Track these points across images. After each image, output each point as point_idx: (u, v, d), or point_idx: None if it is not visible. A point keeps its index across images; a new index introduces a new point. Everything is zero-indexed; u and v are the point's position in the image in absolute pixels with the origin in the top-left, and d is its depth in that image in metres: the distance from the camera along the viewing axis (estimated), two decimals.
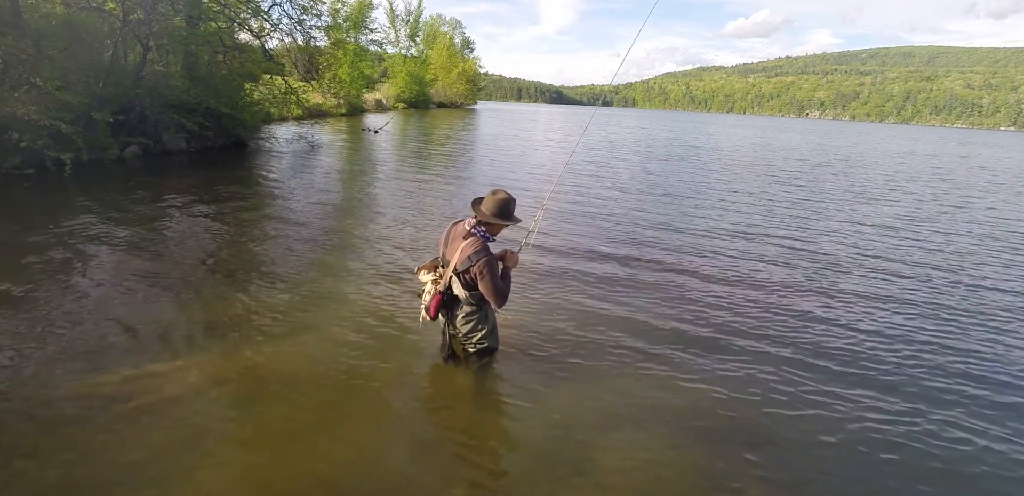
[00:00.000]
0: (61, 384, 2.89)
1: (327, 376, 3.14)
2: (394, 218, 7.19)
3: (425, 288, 3.15)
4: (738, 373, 3.50)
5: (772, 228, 7.82)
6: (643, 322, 4.19)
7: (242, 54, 13.21)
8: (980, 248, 7.37)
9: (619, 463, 2.57)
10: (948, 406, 3.26)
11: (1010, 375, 3.70)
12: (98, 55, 10.59)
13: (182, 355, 3.26)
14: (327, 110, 26.23)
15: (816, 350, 3.91)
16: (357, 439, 2.63)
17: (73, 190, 7.61)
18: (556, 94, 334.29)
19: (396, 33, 49.60)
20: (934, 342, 4.16)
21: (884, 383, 3.49)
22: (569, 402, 3.06)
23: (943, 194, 12.61)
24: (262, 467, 2.40)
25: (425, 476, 2.40)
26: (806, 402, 3.20)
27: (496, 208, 2.91)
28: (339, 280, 4.72)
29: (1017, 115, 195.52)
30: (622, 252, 6.11)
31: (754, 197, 10.54)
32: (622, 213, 8.30)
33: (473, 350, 3.21)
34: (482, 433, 2.82)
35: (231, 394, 2.91)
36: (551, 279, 5.03)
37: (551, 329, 3.94)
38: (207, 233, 5.92)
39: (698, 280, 5.29)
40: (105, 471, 2.29)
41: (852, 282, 5.50)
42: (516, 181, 11.00)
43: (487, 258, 2.83)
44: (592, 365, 3.48)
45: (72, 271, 4.53)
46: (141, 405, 2.75)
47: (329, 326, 3.78)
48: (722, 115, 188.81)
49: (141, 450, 2.43)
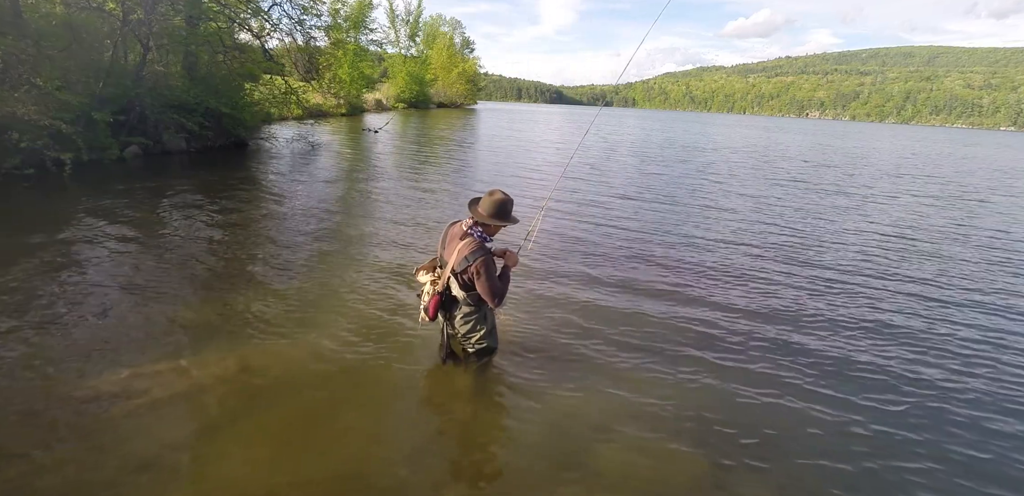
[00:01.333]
0: (62, 383, 2.90)
1: (327, 376, 3.15)
2: (394, 218, 7.20)
3: (424, 289, 3.16)
4: (739, 373, 3.51)
5: (775, 229, 7.82)
6: (643, 322, 4.20)
7: (242, 54, 13.21)
8: (1009, 256, 7.31)
9: (619, 463, 2.58)
10: (956, 407, 3.26)
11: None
12: (98, 55, 10.60)
13: (183, 354, 3.27)
14: (327, 110, 26.22)
15: (819, 350, 3.91)
16: (357, 438, 2.64)
17: (73, 190, 7.62)
18: (556, 94, 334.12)
19: (396, 33, 49.67)
20: (937, 343, 4.16)
21: (886, 383, 3.49)
22: (568, 402, 3.07)
23: (965, 198, 12.61)
24: (263, 466, 2.40)
25: (425, 476, 2.41)
26: (808, 402, 3.21)
27: (493, 209, 2.92)
28: (339, 280, 4.73)
29: (1017, 115, 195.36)
30: (622, 253, 6.13)
31: (757, 200, 10.55)
32: (623, 214, 8.31)
33: (472, 350, 3.22)
34: (482, 433, 2.83)
35: (232, 393, 2.92)
36: (551, 279, 5.04)
37: (551, 329, 3.95)
38: (207, 233, 5.93)
39: (699, 280, 5.30)
40: (106, 470, 2.30)
41: (856, 283, 5.50)
42: (515, 182, 11.01)
43: (484, 258, 2.84)
44: (592, 365, 3.49)
45: (72, 271, 4.53)
46: (143, 403, 2.76)
47: (329, 326, 3.79)
48: (722, 115, 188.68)
49: (143, 448, 2.44)
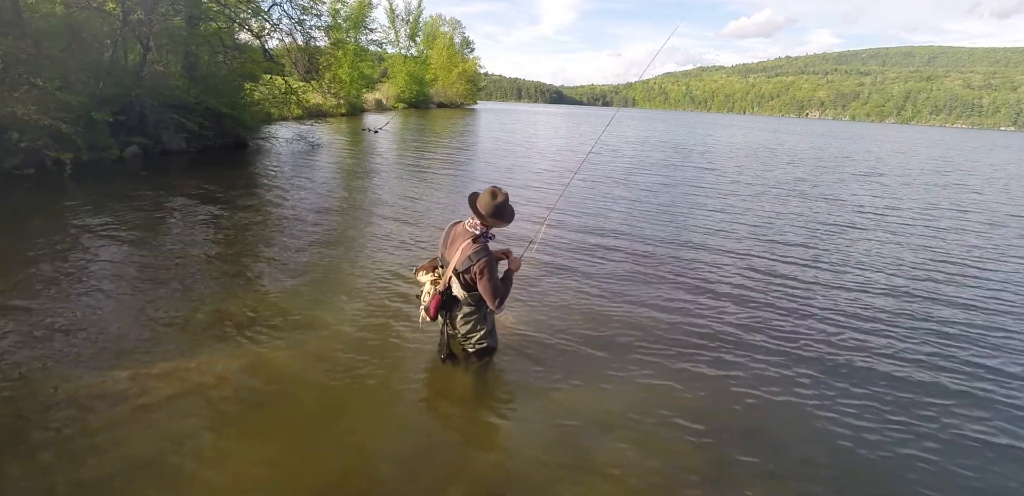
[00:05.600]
0: (64, 383, 2.89)
1: (328, 375, 3.15)
2: (394, 218, 7.19)
3: (424, 288, 3.16)
4: (741, 373, 3.50)
5: (780, 232, 7.82)
6: (643, 322, 4.20)
7: (242, 54, 13.23)
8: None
9: (619, 463, 2.57)
10: (960, 407, 3.26)
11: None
12: (98, 55, 10.61)
13: (182, 355, 3.27)
14: (327, 110, 26.19)
15: (821, 351, 3.90)
16: (357, 438, 2.64)
17: (73, 190, 7.62)
18: (556, 94, 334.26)
19: (396, 33, 49.71)
20: (946, 345, 4.15)
21: (889, 383, 3.48)
22: (568, 402, 3.06)
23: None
24: (263, 466, 2.40)
25: (425, 476, 2.40)
26: (809, 403, 3.20)
27: (493, 208, 2.91)
28: (340, 280, 4.73)
29: (1017, 115, 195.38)
30: (623, 253, 6.12)
31: (760, 197, 10.53)
32: (625, 216, 8.30)
33: (472, 350, 3.22)
34: (482, 433, 2.82)
35: (232, 394, 2.92)
36: (550, 279, 5.04)
37: (551, 329, 3.94)
38: (207, 233, 5.93)
39: (699, 281, 5.29)
40: (108, 469, 2.30)
41: (859, 283, 5.50)
42: (520, 185, 11.00)
43: (487, 258, 2.84)
44: (591, 365, 3.48)
45: (72, 271, 4.53)
46: (144, 404, 2.75)
47: (330, 326, 3.78)
48: (722, 115, 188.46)
49: (144, 448, 2.43)
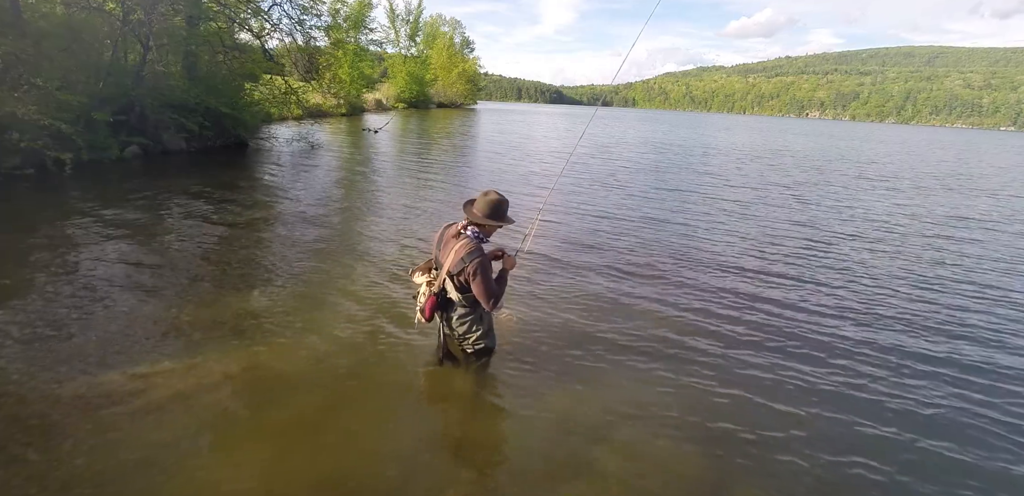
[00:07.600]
0: (64, 383, 2.90)
1: (327, 376, 3.16)
2: (393, 218, 7.21)
3: (420, 290, 3.17)
4: (740, 373, 3.51)
5: (780, 234, 7.84)
6: (642, 322, 4.21)
7: (242, 54, 13.25)
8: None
9: (619, 463, 2.58)
10: (966, 407, 3.26)
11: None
12: (98, 55, 10.61)
13: (182, 355, 3.28)
14: (327, 110, 26.22)
15: (823, 351, 3.90)
16: (357, 439, 2.65)
17: (73, 190, 7.63)
18: (556, 94, 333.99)
19: (396, 33, 49.76)
20: (947, 344, 4.16)
21: (891, 383, 3.50)
22: (568, 402, 3.07)
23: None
24: (262, 466, 2.41)
25: (425, 476, 2.42)
26: (810, 403, 3.21)
27: (488, 209, 2.92)
28: (338, 280, 4.74)
29: (1017, 115, 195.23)
30: (622, 253, 6.13)
31: (761, 193, 10.55)
32: (624, 215, 8.31)
33: (470, 351, 3.23)
34: (481, 433, 2.84)
35: (232, 394, 2.93)
36: (551, 280, 5.05)
37: (550, 329, 3.95)
38: (207, 233, 5.94)
39: (699, 281, 5.30)
40: (109, 468, 2.31)
41: (863, 283, 5.50)
42: (513, 182, 11.03)
43: (480, 259, 2.85)
44: (590, 365, 3.49)
45: (72, 271, 4.54)
46: (144, 404, 2.77)
47: (328, 326, 3.79)
48: (722, 115, 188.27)
49: (144, 448, 2.45)
